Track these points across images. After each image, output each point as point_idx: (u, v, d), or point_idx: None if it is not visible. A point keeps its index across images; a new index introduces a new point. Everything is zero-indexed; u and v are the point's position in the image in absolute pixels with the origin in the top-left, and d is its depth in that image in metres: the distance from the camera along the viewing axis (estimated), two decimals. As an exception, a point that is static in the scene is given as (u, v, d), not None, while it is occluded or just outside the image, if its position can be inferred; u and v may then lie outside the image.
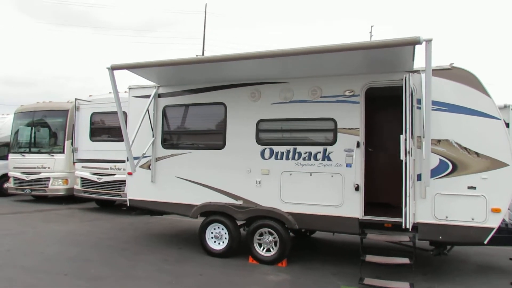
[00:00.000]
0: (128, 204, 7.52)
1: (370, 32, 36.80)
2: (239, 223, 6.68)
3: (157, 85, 7.24)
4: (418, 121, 5.51)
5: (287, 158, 6.23)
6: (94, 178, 10.63)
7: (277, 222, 6.23)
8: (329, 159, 5.98)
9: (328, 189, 5.97)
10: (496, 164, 5.21)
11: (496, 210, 5.17)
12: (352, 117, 5.89)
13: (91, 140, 8.73)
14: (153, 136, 7.17)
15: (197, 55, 6.44)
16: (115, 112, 8.79)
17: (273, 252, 6.27)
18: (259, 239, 6.38)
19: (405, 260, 5.29)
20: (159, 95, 7.24)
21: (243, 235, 6.61)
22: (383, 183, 7.21)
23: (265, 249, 6.34)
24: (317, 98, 6.11)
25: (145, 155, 7.07)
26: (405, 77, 5.17)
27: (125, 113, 8.27)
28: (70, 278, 5.50)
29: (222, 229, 6.63)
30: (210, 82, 6.81)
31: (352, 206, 5.83)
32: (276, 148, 6.32)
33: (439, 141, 5.39)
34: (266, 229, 6.31)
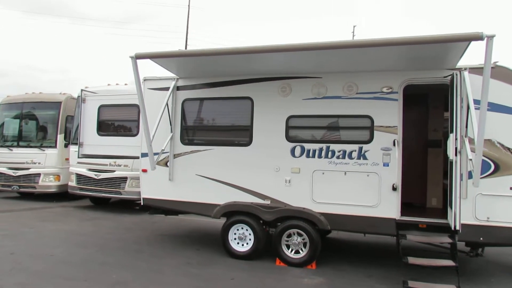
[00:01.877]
0: (142, 203, 7.07)
1: (353, 32, 37.22)
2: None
3: (176, 77, 6.83)
4: (459, 120, 5.38)
5: (320, 156, 5.99)
6: (92, 174, 10.03)
7: (308, 222, 5.98)
8: (365, 158, 5.78)
9: (364, 188, 5.77)
10: (539, 165, 5.16)
11: (538, 212, 5.13)
12: (389, 115, 5.71)
13: (99, 134, 8.21)
14: (172, 132, 6.75)
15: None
16: (126, 105, 8.45)
17: (302, 254, 6.02)
18: (287, 241, 6.11)
19: (450, 263, 5.16)
20: (178, 88, 6.83)
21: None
22: (403, 182, 7.10)
23: (293, 251, 6.08)
24: (353, 94, 5.89)
25: (164, 151, 6.65)
26: (455, 75, 5.01)
27: (136, 106, 7.94)
28: (91, 285, 5.06)
29: (247, 230, 6.32)
30: (236, 75, 6.47)
31: (389, 207, 5.65)
32: (307, 146, 6.06)
33: (479, 140, 5.29)
34: (295, 230, 6.05)
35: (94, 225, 8.62)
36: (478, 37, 4.28)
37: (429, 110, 7.03)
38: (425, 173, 6.89)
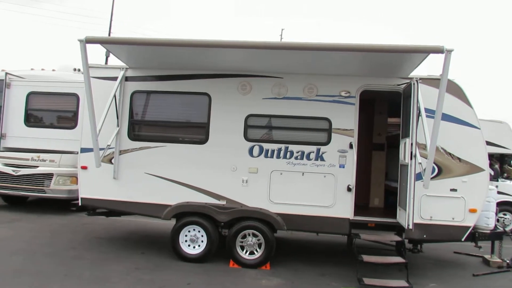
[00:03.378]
0: (79, 204, 6.38)
1: (281, 35, 38.25)
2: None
3: (125, 67, 6.28)
4: (415, 127, 5.68)
5: (278, 157, 5.97)
6: (8, 170, 8.77)
7: (263, 223, 5.93)
8: (322, 159, 5.91)
9: (320, 189, 5.89)
10: (474, 169, 5.74)
11: (473, 211, 5.70)
12: (346, 118, 5.91)
13: (27, 125, 7.16)
14: (118, 126, 6.20)
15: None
16: (62, 94, 7.55)
17: (257, 254, 5.94)
18: (242, 242, 5.99)
19: (400, 259, 5.51)
20: (127, 79, 6.30)
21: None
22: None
23: (248, 252, 5.98)
24: (313, 96, 5.98)
25: (110, 147, 6.07)
26: (412, 84, 5.34)
27: (74, 96, 7.17)
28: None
29: (199, 231, 6.05)
30: (193, 69, 6.17)
31: (344, 207, 5.85)
32: (266, 146, 6.00)
33: (426, 145, 5.70)
34: (251, 231, 5.95)
35: (15, 229, 7.57)
36: (439, 50, 4.62)
37: (374, 115, 7.44)
38: (369, 175, 7.28)
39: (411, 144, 5.29)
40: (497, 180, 9.34)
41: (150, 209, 6.15)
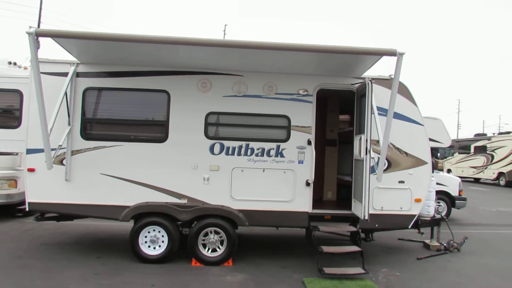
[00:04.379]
0: (27, 209, 5.93)
1: (224, 30, 38.19)
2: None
3: (76, 62, 5.94)
4: (370, 124, 5.99)
5: (239, 154, 6.04)
6: None
7: (225, 220, 5.97)
8: (282, 156, 6.07)
9: (280, 185, 6.06)
10: (419, 162, 6.25)
11: (418, 200, 6.22)
12: (305, 116, 6.12)
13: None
14: (69, 125, 5.86)
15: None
16: (3, 90, 6.90)
17: (220, 252, 5.97)
18: (204, 240, 5.98)
19: (356, 248, 5.85)
20: (78, 74, 5.97)
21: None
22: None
23: (210, 250, 5.99)
24: (272, 94, 6.11)
25: (61, 147, 5.72)
26: (366, 84, 5.66)
27: (18, 92, 6.66)
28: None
29: (159, 231, 5.93)
30: (151, 65, 6.00)
31: (303, 201, 6.07)
32: (227, 143, 6.03)
33: (377, 141, 6.09)
34: (213, 229, 5.96)
35: None
36: (392, 53, 4.96)
37: (327, 112, 7.77)
38: (323, 170, 7.60)
39: (366, 140, 5.63)
40: (433, 172, 10.20)
41: (107, 211, 5.91)
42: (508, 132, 26.20)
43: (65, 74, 5.84)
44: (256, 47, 5.07)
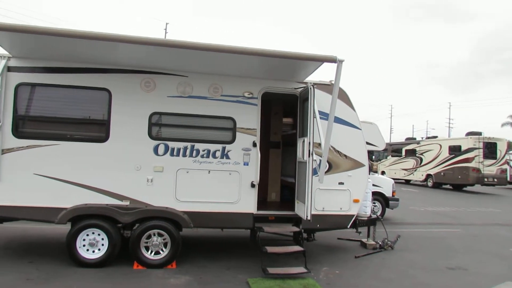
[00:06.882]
0: None
1: (165, 29, 37.53)
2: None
3: (7, 55, 5.55)
4: (312, 127, 6.16)
5: (184, 155, 5.99)
6: None
7: (169, 222, 5.89)
8: (227, 157, 6.11)
9: (226, 186, 6.09)
10: (357, 164, 6.61)
11: (356, 201, 6.56)
12: (250, 118, 6.22)
13: None
14: (0, 122, 5.46)
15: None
16: None
17: (163, 254, 5.87)
18: (146, 242, 5.84)
19: (299, 248, 6.03)
20: (9, 69, 5.58)
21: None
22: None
23: (153, 252, 5.87)
24: (218, 96, 6.13)
25: (-10, 146, 5.31)
26: (309, 88, 5.88)
27: None
28: None
29: (99, 234, 5.71)
30: (90, 62, 5.78)
31: (248, 202, 6.16)
32: (172, 144, 5.96)
33: (319, 144, 6.34)
34: (156, 231, 5.85)
35: None
36: (332, 60, 5.21)
37: (271, 115, 7.94)
38: (267, 171, 7.76)
39: (309, 143, 5.84)
40: (369, 174, 10.80)
41: (41, 214, 5.57)
42: (435, 137, 28.50)
43: (-7, 68, 5.44)
44: (199, 49, 5.04)
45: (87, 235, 5.68)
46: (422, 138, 29.90)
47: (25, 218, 5.74)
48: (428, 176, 25.06)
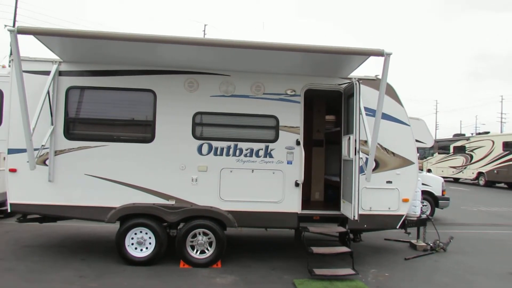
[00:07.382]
0: (8, 210, 5.75)
1: (203, 31, 38.09)
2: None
3: (58, 60, 5.79)
4: (358, 124, 5.96)
5: (228, 154, 5.98)
6: None
7: (214, 221, 5.90)
8: (271, 156, 6.04)
9: (270, 185, 6.02)
10: (406, 162, 6.31)
11: (405, 200, 6.26)
12: (293, 116, 6.10)
13: None
14: (52, 124, 5.70)
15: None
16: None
17: (208, 253, 5.89)
18: (192, 241, 5.89)
19: (345, 249, 5.85)
20: (61, 73, 5.82)
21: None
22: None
23: (198, 251, 5.90)
24: (260, 94, 6.07)
25: (44, 147, 5.56)
26: (354, 85, 5.67)
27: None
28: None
29: (146, 233, 5.82)
30: (136, 64, 5.90)
31: (292, 202, 6.05)
32: (215, 144, 5.97)
33: (365, 141, 6.11)
34: (201, 230, 5.89)
35: None
36: (380, 53, 4.97)
37: (313, 113, 7.77)
38: (310, 170, 7.60)
39: (355, 140, 5.64)
40: (417, 172, 10.35)
41: (92, 213, 5.77)
42: (486, 132, 26.88)
43: (47, 73, 5.69)
44: (243, 47, 4.99)
45: (135, 234, 5.82)
46: (472, 134, 28.31)
47: (77, 217, 5.97)
48: (480, 174, 23.73)
